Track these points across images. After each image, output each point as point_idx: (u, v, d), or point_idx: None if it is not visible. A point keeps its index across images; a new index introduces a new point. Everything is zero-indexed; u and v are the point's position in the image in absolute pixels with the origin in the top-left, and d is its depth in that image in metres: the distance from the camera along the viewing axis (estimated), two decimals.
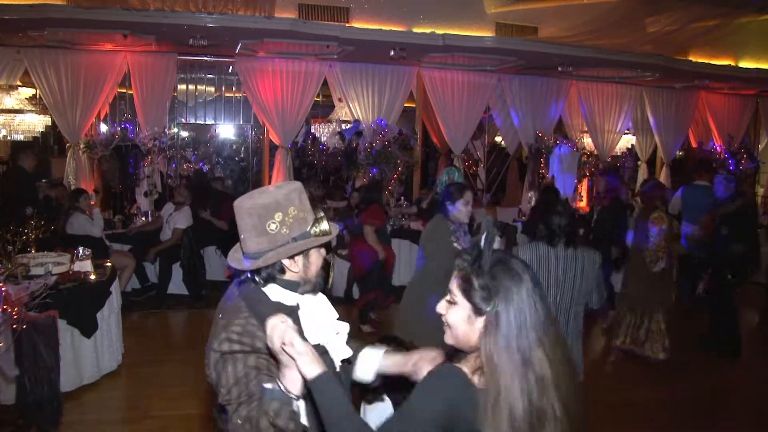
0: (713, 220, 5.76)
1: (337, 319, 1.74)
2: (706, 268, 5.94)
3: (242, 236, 1.64)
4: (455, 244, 3.77)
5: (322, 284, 1.74)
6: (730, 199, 5.84)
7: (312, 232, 1.65)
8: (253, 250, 1.62)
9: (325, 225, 1.67)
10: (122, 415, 4.14)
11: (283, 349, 1.39)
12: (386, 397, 2.52)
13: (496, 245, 1.46)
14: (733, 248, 5.58)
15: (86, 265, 4.58)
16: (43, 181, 7.85)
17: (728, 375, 5.33)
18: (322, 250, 1.72)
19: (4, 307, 3.25)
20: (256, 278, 1.65)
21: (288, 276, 1.65)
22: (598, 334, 6.14)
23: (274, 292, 1.65)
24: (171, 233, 6.59)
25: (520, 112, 8.91)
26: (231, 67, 8.16)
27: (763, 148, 11.30)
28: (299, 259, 1.65)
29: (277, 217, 1.60)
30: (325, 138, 8.79)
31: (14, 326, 3.34)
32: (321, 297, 1.75)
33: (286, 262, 1.63)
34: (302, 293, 1.68)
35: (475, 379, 1.39)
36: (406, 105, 8.83)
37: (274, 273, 1.64)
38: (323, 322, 1.68)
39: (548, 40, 7.43)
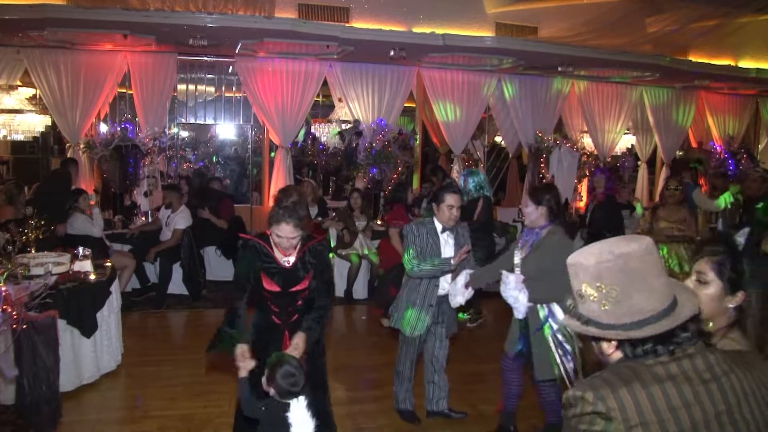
0: None
1: None
2: None
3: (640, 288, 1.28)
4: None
5: None
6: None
7: None
8: (648, 309, 1.28)
9: None
10: (122, 414, 4.14)
11: None
12: None
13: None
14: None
15: (86, 265, 4.58)
16: None
17: None
18: None
19: (4, 307, 3.25)
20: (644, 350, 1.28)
21: None
22: None
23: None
24: (171, 234, 6.58)
25: (520, 112, 8.90)
26: (231, 67, 8.15)
27: (763, 148, 11.29)
28: None
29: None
30: (325, 138, 8.79)
31: (14, 326, 3.34)
32: None
33: None
34: None
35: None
36: (406, 105, 8.82)
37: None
38: None
39: (548, 40, 7.43)
